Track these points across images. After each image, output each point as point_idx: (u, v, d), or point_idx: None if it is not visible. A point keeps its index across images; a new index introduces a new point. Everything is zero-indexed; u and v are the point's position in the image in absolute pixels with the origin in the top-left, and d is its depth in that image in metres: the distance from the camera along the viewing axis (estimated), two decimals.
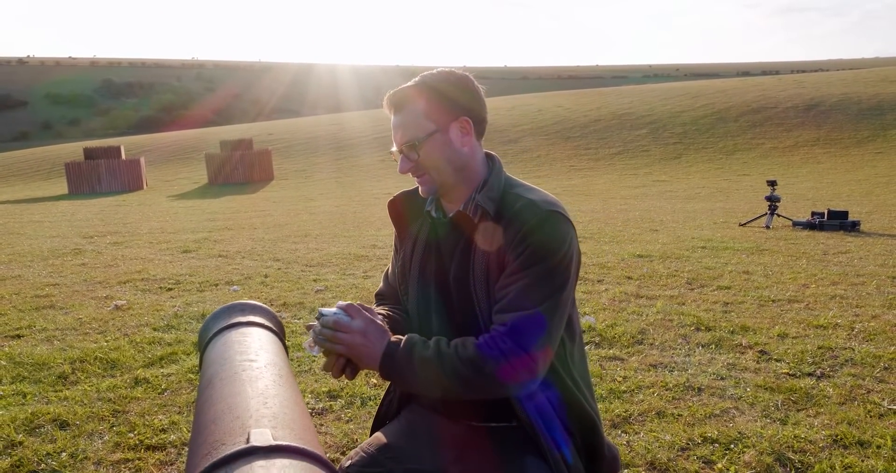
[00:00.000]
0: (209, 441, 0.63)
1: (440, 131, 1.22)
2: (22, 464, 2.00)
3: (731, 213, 9.99)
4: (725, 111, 27.24)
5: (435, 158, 1.23)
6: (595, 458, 1.26)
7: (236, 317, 1.05)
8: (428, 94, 1.22)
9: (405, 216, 1.39)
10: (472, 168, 1.27)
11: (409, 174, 1.27)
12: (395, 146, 1.26)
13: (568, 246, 1.19)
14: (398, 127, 1.25)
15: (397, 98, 1.24)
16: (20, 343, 3.43)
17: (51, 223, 11.51)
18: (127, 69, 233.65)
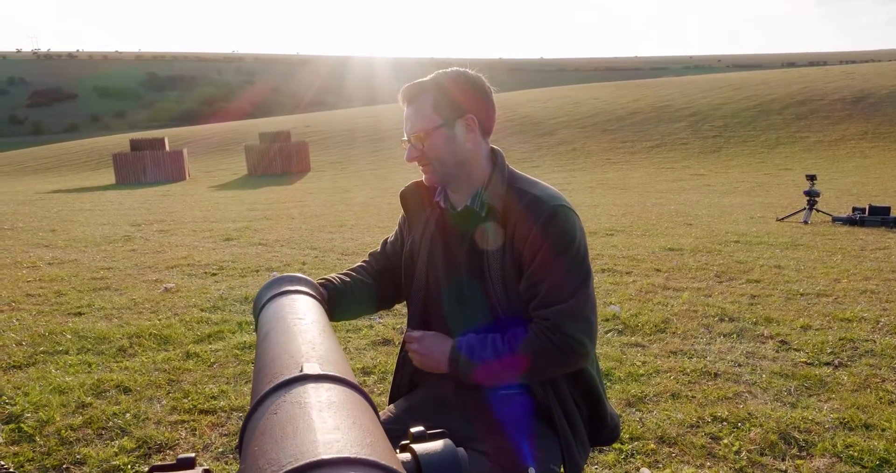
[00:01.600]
0: (270, 373, 0.81)
1: (446, 126, 1.32)
2: (93, 421, 2.25)
3: (769, 208, 9.85)
4: (768, 104, 26.54)
5: (439, 150, 1.33)
6: (599, 427, 1.39)
7: (286, 286, 1.23)
8: (438, 90, 1.32)
9: (416, 205, 1.48)
10: (474, 163, 1.36)
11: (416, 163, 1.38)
12: (405, 135, 1.37)
13: (581, 235, 1.31)
14: (409, 118, 1.35)
15: (410, 91, 1.35)
16: (82, 320, 3.73)
17: (101, 212, 12.07)
18: (170, 63, 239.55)
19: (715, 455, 1.95)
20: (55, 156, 34.96)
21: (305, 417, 0.65)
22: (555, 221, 1.28)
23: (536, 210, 1.29)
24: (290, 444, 0.60)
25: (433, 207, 1.46)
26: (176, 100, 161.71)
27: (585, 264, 1.31)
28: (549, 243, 1.27)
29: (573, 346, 1.26)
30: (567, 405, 1.33)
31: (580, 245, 1.30)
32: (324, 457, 0.56)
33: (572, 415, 1.34)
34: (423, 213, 1.47)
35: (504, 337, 1.30)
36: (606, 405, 1.42)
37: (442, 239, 1.43)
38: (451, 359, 1.30)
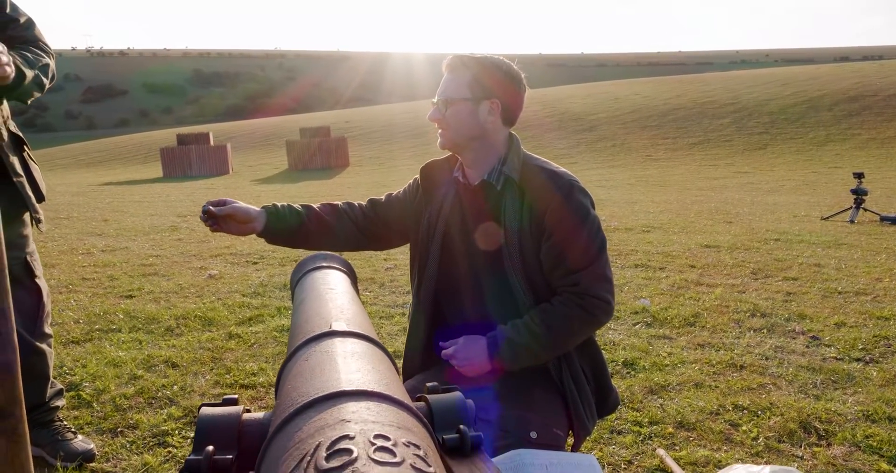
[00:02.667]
0: (303, 331, 0.91)
1: (472, 101, 1.44)
2: (143, 392, 2.43)
3: (814, 206, 9.59)
4: (818, 99, 25.64)
5: (457, 120, 1.45)
6: (605, 395, 1.48)
7: (320, 262, 1.34)
8: (478, 69, 1.44)
9: (435, 181, 1.58)
10: (489, 142, 1.47)
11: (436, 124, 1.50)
12: (437, 95, 1.49)
13: (594, 208, 1.42)
14: (444, 83, 1.47)
15: (455, 62, 1.47)
16: (133, 302, 3.96)
17: (149, 203, 12.56)
18: (215, 60, 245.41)
19: (732, 440, 1.98)
20: (106, 150, 36.36)
21: (331, 362, 0.76)
22: (574, 192, 1.39)
23: (557, 182, 1.40)
24: (317, 381, 0.71)
25: (450, 183, 1.56)
26: (220, 96, 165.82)
27: (601, 233, 1.42)
28: (571, 212, 1.37)
29: (601, 306, 1.38)
30: (577, 374, 1.42)
31: (595, 216, 1.41)
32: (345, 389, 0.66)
33: (581, 383, 1.42)
34: (441, 189, 1.57)
35: (534, 317, 1.39)
36: (609, 377, 1.51)
37: (460, 212, 1.52)
38: (492, 356, 1.38)
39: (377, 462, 0.51)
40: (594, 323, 1.39)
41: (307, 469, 0.52)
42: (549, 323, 1.36)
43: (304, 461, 0.53)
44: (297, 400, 0.67)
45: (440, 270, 1.52)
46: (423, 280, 1.54)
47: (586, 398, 1.43)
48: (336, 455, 0.52)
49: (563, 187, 1.39)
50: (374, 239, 1.67)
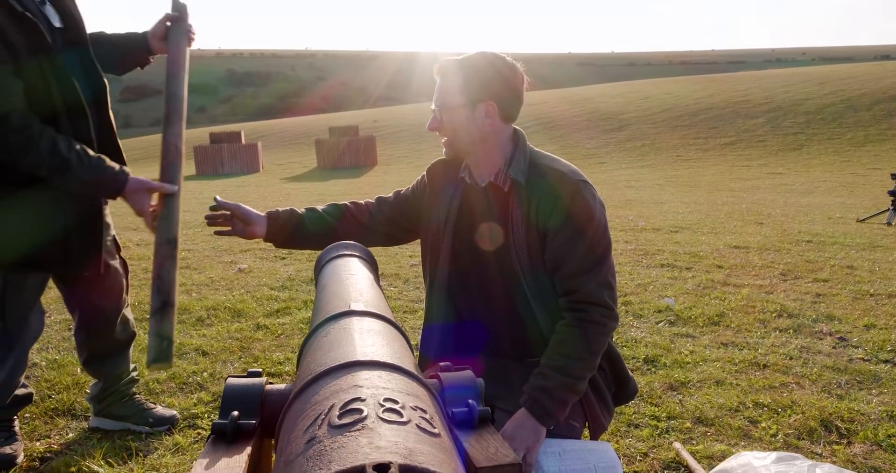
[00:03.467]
0: (324, 311, 0.96)
1: (466, 107, 1.42)
2: (175, 377, 2.53)
3: (850, 209, 9.35)
4: (857, 99, 24.91)
5: (456, 126, 1.44)
6: (622, 385, 1.49)
7: (342, 251, 1.39)
8: (466, 73, 1.41)
9: (441, 180, 1.59)
10: (492, 145, 1.45)
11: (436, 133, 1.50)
12: (433, 103, 1.48)
13: (601, 209, 1.41)
14: (438, 90, 1.46)
15: (444, 67, 1.45)
16: None
17: (182, 200, 12.76)
18: (247, 59, 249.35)
19: (750, 436, 1.98)
20: (142, 148, 37.25)
21: (348, 337, 0.81)
22: (578, 196, 1.37)
23: (561, 184, 1.39)
24: (334, 353, 0.75)
25: (457, 183, 1.56)
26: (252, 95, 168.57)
27: (606, 237, 1.40)
28: (575, 216, 1.37)
29: (604, 312, 1.37)
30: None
31: (600, 219, 1.40)
32: (359, 359, 0.71)
33: (595, 378, 1.44)
34: (448, 188, 1.57)
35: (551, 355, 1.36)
36: (626, 368, 1.52)
37: (467, 213, 1.53)
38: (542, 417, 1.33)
39: (385, 421, 0.55)
40: (603, 331, 1.39)
41: (321, 425, 0.56)
42: (573, 353, 1.35)
43: (318, 419, 0.58)
44: (314, 370, 0.72)
45: (451, 269, 1.54)
46: (435, 279, 1.56)
47: (601, 393, 1.44)
48: (348, 414, 0.57)
49: (568, 187, 1.38)
50: (381, 236, 1.69)
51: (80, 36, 1.90)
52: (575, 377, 1.34)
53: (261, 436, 0.78)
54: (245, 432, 0.74)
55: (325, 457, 0.50)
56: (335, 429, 0.54)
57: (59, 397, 2.35)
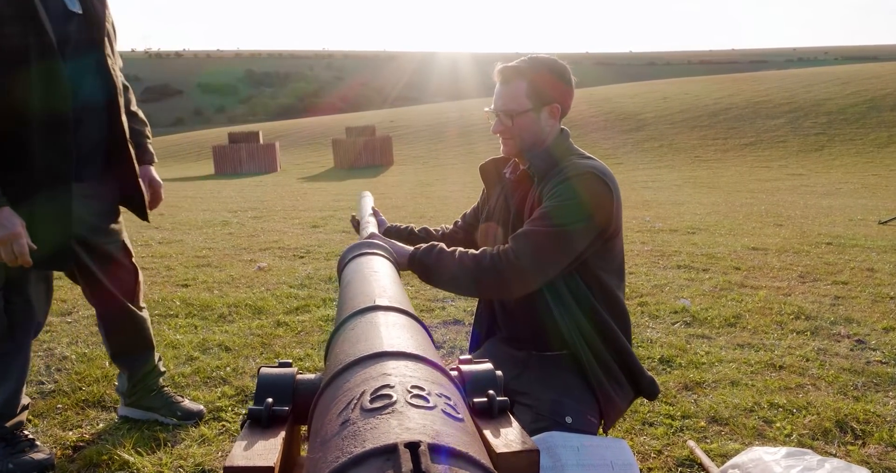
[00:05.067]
0: (349, 306, 1.01)
1: (534, 111, 1.49)
2: (199, 371, 2.61)
3: (873, 211, 9.22)
4: (880, 99, 24.48)
5: (523, 130, 1.50)
6: (636, 379, 1.52)
7: (365, 249, 1.44)
8: (532, 77, 1.48)
9: (492, 178, 1.70)
10: (546, 141, 1.54)
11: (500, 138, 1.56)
12: (493, 108, 1.53)
13: (589, 194, 1.41)
14: (501, 96, 1.50)
15: (507, 73, 1.50)
16: (188, 291, 4.19)
17: (202, 199, 13.05)
18: (266, 60, 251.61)
19: (765, 435, 1.99)
20: (163, 147, 37.78)
21: (375, 330, 0.85)
22: (577, 177, 1.42)
23: (568, 170, 1.44)
24: (362, 345, 0.80)
25: (503, 180, 1.66)
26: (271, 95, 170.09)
27: (581, 214, 1.39)
28: (559, 189, 1.42)
29: (510, 258, 1.38)
30: (602, 360, 1.48)
31: (590, 201, 1.40)
32: (386, 350, 0.75)
33: (608, 366, 1.48)
34: (497, 185, 1.68)
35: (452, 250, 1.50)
36: (637, 360, 1.56)
37: (506, 207, 1.62)
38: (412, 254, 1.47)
39: (413, 406, 0.60)
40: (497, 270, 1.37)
41: (353, 409, 0.61)
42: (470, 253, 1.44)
43: (350, 403, 0.63)
44: (344, 360, 0.76)
45: None
46: None
47: (614, 377, 1.48)
48: (378, 399, 0.61)
49: (565, 174, 1.43)
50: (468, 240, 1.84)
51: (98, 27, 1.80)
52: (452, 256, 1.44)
53: (292, 422, 0.83)
54: (279, 417, 0.79)
55: (360, 437, 0.54)
56: (367, 412, 0.59)
57: (89, 389, 2.43)
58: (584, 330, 1.47)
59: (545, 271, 1.40)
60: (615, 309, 1.52)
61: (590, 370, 1.46)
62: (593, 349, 1.47)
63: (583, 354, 1.46)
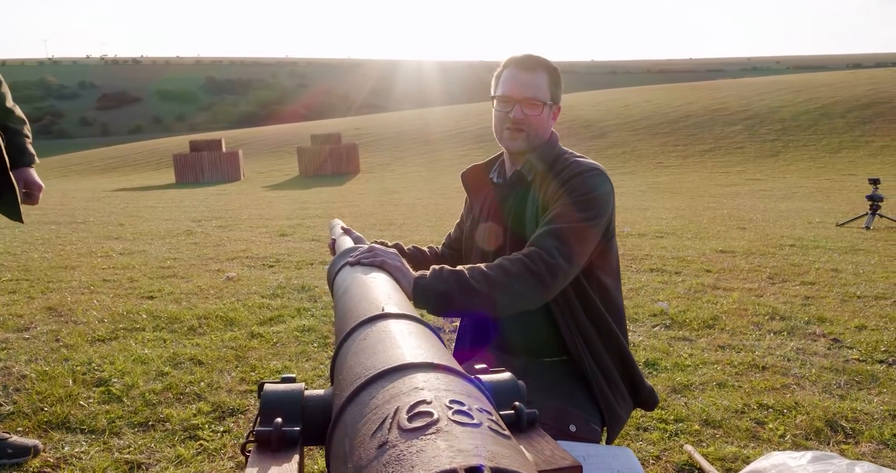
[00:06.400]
0: (354, 315, 0.94)
1: (548, 106, 1.46)
2: (172, 387, 2.47)
3: (829, 213, 9.53)
4: (831, 106, 25.50)
5: (538, 122, 1.45)
6: (637, 388, 1.48)
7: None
8: (552, 74, 1.46)
9: (475, 185, 1.63)
10: (544, 142, 1.50)
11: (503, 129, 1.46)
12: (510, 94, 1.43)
13: (599, 191, 1.38)
14: (526, 84, 1.43)
15: (533, 61, 1.44)
16: (154, 303, 4.01)
17: (163, 208, 12.69)
18: (228, 67, 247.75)
19: (759, 437, 1.99)
20: (121, 156, 36.77)
21: (392, 339, 0.78)
22: (584, 174, 1.38)
23: (573, 168, 1.40)
24: (381, 356, 0.73)
25: (489, 185, 1.59)
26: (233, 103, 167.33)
27: (595, 211, 1.34)
28: (570, 187, 1.37)
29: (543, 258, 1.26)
30: (605, 367, 1.43)
31: (599, 198, 1.36)
32: (412, 361, 0.68)
33: (610, 374, 1.43)
34: (481, 193, 1.60)
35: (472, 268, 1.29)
36: (638, 368, 1.51)
37: (495, 214, 1.55)
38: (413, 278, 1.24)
39: (458, 423, 0.54)
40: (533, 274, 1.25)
41: (390, 429, 0.54)
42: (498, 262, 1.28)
43: (385, 423, 0.56)
44: (363, 373, 0.69)
45: (482, 258, 1.56)
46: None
47: (616, 387, 1.44)
48: (417, 417, 0.55)
49: (571, 172, 1.39)
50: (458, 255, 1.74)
51: None
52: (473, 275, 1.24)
53: (302, 444, 0.75)
54: (290, 439, 0.71)
55: (406, 462, 0.48)
56: (408, 433, 0.52)
57: (52, 410, 2.28)
58: (588, 335, 1.42)
59: (577, 267, 1.34)
60: (615, 312, 1.48)
61: (592, 377, 1.41)
62: (596, 356, 1.42)
63: (585, 360, 1.41)
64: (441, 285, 1.23)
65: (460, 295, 1.23)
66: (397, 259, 1.23)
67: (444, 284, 1.23)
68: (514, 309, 1.28)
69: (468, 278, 1.25)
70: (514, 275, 1.26)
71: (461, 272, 1.26)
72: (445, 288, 1.23)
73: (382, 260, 1.20)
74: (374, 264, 1.19)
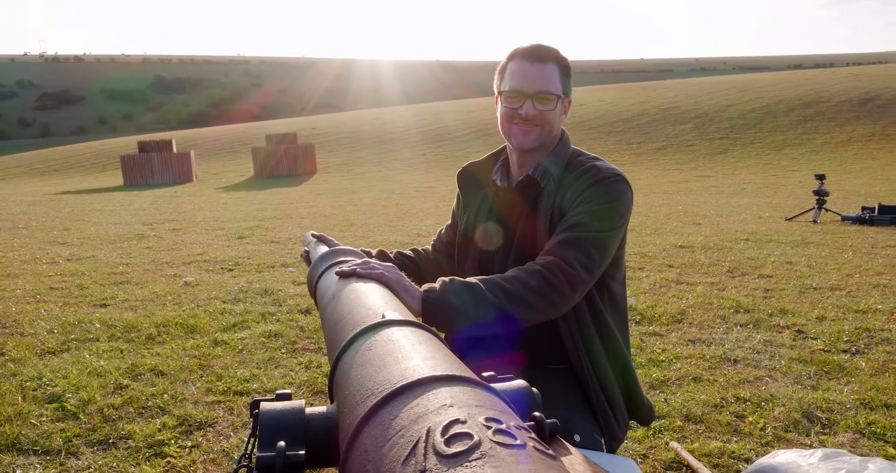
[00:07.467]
0: (351, 323, 0.87)
1: (560, 100, 1.33)
2: (132, 401, 2.33)
3: (777, 208, 9.89)
4: (775, 105, 26.54)
5: (552, 117, 1.33)
6: (635, 405, 1.42)
7: (340, 257, 1.29)
8: (562, 65, 1.34)
9: (471, 185, 1.49)
10: (556, 141, 1.39)
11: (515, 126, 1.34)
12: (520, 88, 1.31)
13: (622, 200, 1.29)
14: (539, 77, 1.30)
15: (543, 52, 1.31)
16: (108, 311, 3.81)
17: (112, 212, 12.18)
18: (177, 66, 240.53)
19: (740, 431, 2.00)
20: (63, 158, 35.21)
21: (402, 349, 0.72)
22: (605, 181, 1.29)
23: (593, 174, 1.30)
24: (395, 368, 0.66)
25: (489, 186, 1.47)
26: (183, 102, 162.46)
27: (616, 221, 1.27)
28: (590, 194, 1.28)
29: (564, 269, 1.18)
30: (606, 383, 1.36)
31: (620, 206, 1.29)
32: (432, 374, 0.62)
33: (611, 390, 1.37)
34: (479, 193, 1.48)
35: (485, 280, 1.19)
36: (640, 387, 1.46)
37: (497, 218, 1.44)
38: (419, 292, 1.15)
39: (503, 445, 0.48)
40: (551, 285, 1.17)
41: (426, 455, 0.48)
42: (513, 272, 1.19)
43: (418, 447, 0.50)
44: (377, 389, 0.63)
45: (480, 267, 1.45)
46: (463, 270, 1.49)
47: (615, 403, 1.38)
48: (456, 439, 0.49)
49: (592, 179, 1.29)
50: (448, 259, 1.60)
51: None
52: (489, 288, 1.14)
53: (307, 468, 0.68)
54: (296, 465, 0.64)
55: None
56: (450, 459, 0.46)
57: (0, 430, 2.11)
58: (592, 346, 1.34)
59: (596, 278, 1.26)
60: (620, 322, 1.42)
61: (592, 391, 1.35)
62: (599, 371, 1.35)
63: (587, 370, 1.34)
64: (455, 300, 1.12)
65: (476, 310, 1.12)
66: (396, 272, 1.13)
67: (458, 298, 1.13)
68: (531, 323, 1.20)
69: (484, 291, 1.15)
70: (533, 289, 1.17)
71: (476, 286, 1.16)
72: (460, 303, 1.12)
73: (380, 273, 1.10)
74: (372, 276, 1.09)
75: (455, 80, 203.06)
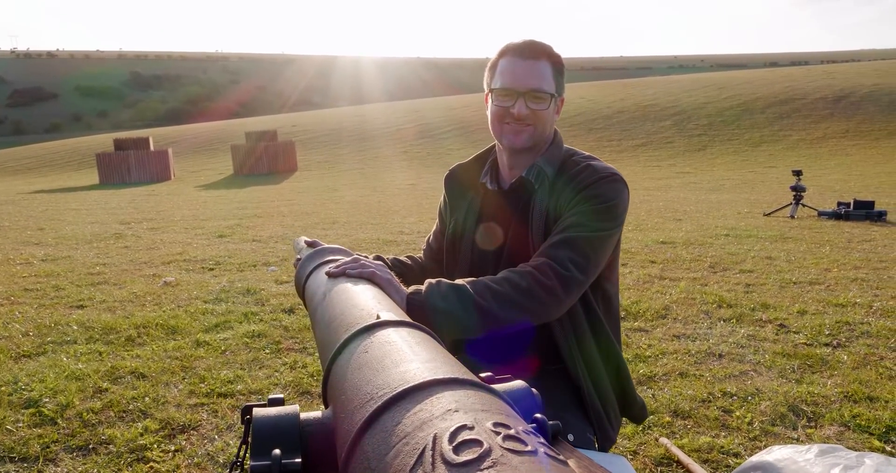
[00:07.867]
0: (344, 324, 0.84)
1: (553, 99, 1.29)
2: (112, 405, 2.27)
3: (755, 204, 10.02)
4: (752, 103, 26.93)
5: (546, 116, 1.29)
6: (628, 403, 1.42)
7: (328, 256, 1.26)
8: (556, 62, 1.29)
9: (459, 188, 1.45)
10: (549, 141, 1.36)
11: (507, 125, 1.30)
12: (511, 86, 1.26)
13: (619, 200, 1.27)
14: (532, 74, 1.26)
15: (536, 49, 1.26)
16: (85, 312, 3.72)
17: (88, 211, 11.94)
18: (153, 62, 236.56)
19: (728, 425, 2.01)
20: (37, 156, 34.46)
21: (400, 351, 0.69)
22: (601, 181, 1.26)
23: (589, 174, 1.28)
24: (394, 371, 0.64)
25: (477, 188, 1.43)
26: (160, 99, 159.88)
27: (612, 221, 1.25)
28: (587, 195, 1.25)
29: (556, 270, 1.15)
30: (599, 383, 1.34)
31: (617, 206, 1.27)
32: (434, 377, 0.60)
33: (604, 390, 1.36)
34: (466, 195, 1.45)
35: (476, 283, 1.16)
36: (633, 385, 1.45)
37: (487, 219, 1.41)
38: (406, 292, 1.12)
39: (514, 452, 0.46)
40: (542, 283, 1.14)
41: (434, 463, 0.46)
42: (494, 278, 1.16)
43: (425, 455, 0.47)
44: (376, 393, 0.60)
45: (471, 270, 1.42)
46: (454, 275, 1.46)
47: (608, 403, 1.37)
48: (464, 446, 0.47)
49: (587, 179, 1.26)
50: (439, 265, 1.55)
51: None
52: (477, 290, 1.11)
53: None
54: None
55: None
56: (459, 468, 0.44)
57: None
58: (586, 346, 1.32)
59: (591, 279, 1.24)
60: (614, 322, 1.41)
61: (585, 390, 1.34)
62: (592, 370, 1.34)
63: (580, 370, 1.33)
64: (440, 303, 1.09)
65: (463, 313, 1.09)
66: (387, 272, 1.10)
67: (444, 301, 1.09)
68: (523, 326, 1.17)
69: (472, 293, 1.11)
70: (523, 290, 1.14)
71: (463, 288, 1.13)
72: (446, 306, 1.09)
73: (371, 272, 1.07)
74: (363, 276, 1.06)
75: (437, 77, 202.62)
